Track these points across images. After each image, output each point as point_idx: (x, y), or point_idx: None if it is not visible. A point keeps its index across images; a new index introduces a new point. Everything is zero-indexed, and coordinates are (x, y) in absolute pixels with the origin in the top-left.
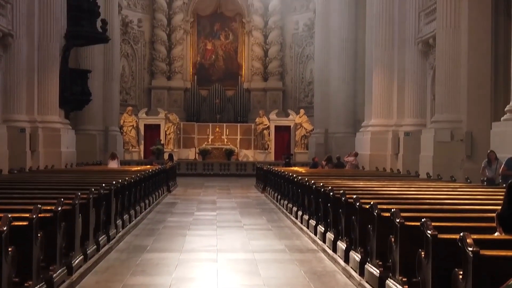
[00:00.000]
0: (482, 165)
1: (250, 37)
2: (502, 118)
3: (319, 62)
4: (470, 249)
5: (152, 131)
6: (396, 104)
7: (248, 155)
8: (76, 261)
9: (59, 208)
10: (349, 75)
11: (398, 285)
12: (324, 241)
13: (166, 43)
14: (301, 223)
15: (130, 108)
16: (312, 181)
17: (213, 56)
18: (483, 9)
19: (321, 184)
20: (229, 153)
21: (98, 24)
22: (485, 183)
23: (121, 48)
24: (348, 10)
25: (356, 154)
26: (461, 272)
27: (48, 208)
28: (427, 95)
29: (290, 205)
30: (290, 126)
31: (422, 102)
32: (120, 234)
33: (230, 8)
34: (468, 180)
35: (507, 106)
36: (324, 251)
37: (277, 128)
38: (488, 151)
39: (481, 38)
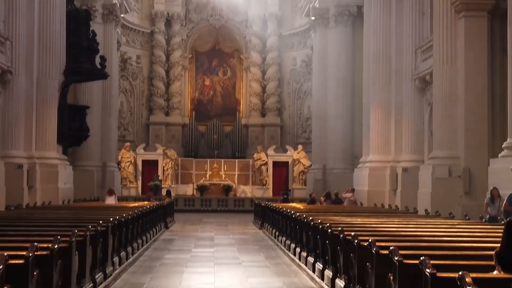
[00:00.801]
0: (485, 202)
1: (248, 73)
2: (499, 155)
3: (316, 98)
4: None
5: (150, 166)
6: (394, 140)
7: (246, 191)
8: None
9: (56, 246)
10: (347, 110)
11: None
12: (322, 279)
13: (165, 79)
14: (299, 260)
15: (128, 143)
16: (310, 218)
17: (211, 92)
18: (479, 46)
19: (319, 220)
20: (227, 189)
21: (97, 60)
22: (487, 221)
23: (119, 84)
24: (345, 46)
25: (352, 190)
26: None
27: (45, 245)
28: (424, 131)
29: (288, 242)
30: (288, 162)
31: (419, 138)
32: (117, 271)
33: (228, 44)
34: (467, 217)
35: (505, 142)
36: None
37: (275, 163)
38: (491, 188)
39: (477, 74)
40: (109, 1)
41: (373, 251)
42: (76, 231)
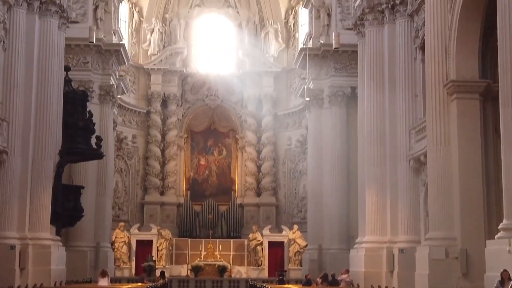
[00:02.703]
0: (494, 285)
1: (244, 153)
2: (496, 236)
3: (312, 177)
4: None
5: (144, 247)
6: (390, 221)
7: (241, 271)
8: None
9: None
10: (342, 190)
11: None
12: None
13: (160, 158)
14: None
15: (122, 223)
16: None
17: (207, 172)
18: (472, 127)
19: None
20: (222, 269)
21: (93, 140)
22: None
23: (115, 164)
24: (339, 126)
25: (347, 271)
26: None
27: None
28: (420, 211)
29: None
30: (283, 242)
31: (415, 219)
32: None
33: (224, 124)
34: None
35: (501, 224)
36: None
37: (271, 244)
38: (502, 270)
39: (471, 155)
40: (106, 82)
41: None
42: None
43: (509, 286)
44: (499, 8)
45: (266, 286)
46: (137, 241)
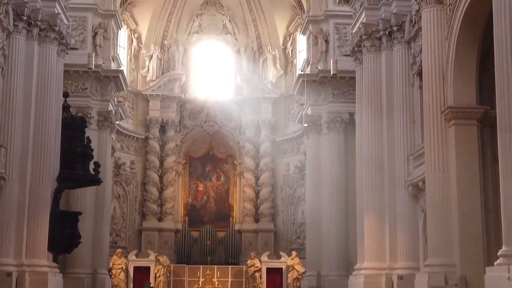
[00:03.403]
0: None
1: (242, 179)
2: (495, 263)
3: (310, 203)
4: None
5: (141, 273)
6: (389, 247)
7: None
8: None
9: None
10: (341, 216)
11: None
12: None
13: (158, 184)
14: None
15: (119, 250)
16: None
17: (205, 197)
18: (470, 153)
19: None
20: None
21: (91, 166)
22: None
23: (113, 190)
24: (338, 152)
25: None
26: None
27: None
28: (419, 238)
29: None
30: (282, 268)
31: (414, 245)
32: None
33: (222, 150)
34: None
35: (500, 250)
36: None
37: (269, 270)
38: None
39: (469, 181)
40: (105, 108)
41: None
42: None
43: None
44: (495, 35)
45: None
46: (135, 268)
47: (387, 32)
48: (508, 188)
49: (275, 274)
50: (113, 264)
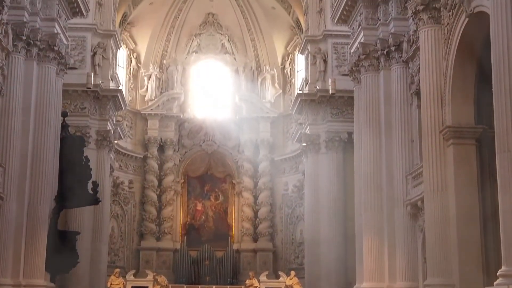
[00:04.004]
0: None
1: (240, 198)
2: (495, 283)
3: (309, 223)
4: None
5: None
6: (388, 267)
7: None
8: None
9: None
10: (339, 235)
11: None
12: None
13: (156, 203)
14: None
15: (117, 270)
16: None
17: (203, 217)
18: (468, 173)
19: None
20: None
21: (89, 186)
22: None
23: (111, 209)
24: (336, 171)
25: None
26: None
27: None
28: (418, 257)
29: None
30: None
31: (413, 265)
32: None
33: (220, 169)
34: None
35: (499, 270)
36: None
37: None
38: None
39: (468, 201)
40: (103, 127)
41: None
42: None
43: None
44: (493, 55)
45: None
46: None
47: (385, 51)
48: (506, 208)
49: None
50: (111, 284)
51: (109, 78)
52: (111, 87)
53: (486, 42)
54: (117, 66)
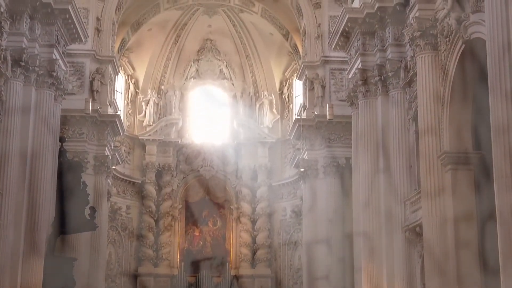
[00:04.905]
0: None
1: (238, 224)
2: None
3: (307, 248)
4: None
5: None
6: None
7: None
8: None
9: None
10: (338, 261)
11: None
12: None
13: (154, 229)
14: None
15: None
16: None
17: (201, 242)
18: (467, 198)
19: None
20: None
21: (87, 211)
22: None
23: (108, 235)
24: (334, 196)
25: None
26: None
27: None
28: (416, 283)
29: None
30: None
31: None
32: None
33: (219, 195)
34: None
35: None
36: None
37: None
38: None
39: (467, 228)
40: (101, 153)
41: None
42: None
43: None
44: (490, 81)
45: None
46: None
47: (382, 77)
48: (504, 234)
49: None
50: None
51: (107, 103)
52: (109, 113)
53: (483, 68)
54: (115, 91)
